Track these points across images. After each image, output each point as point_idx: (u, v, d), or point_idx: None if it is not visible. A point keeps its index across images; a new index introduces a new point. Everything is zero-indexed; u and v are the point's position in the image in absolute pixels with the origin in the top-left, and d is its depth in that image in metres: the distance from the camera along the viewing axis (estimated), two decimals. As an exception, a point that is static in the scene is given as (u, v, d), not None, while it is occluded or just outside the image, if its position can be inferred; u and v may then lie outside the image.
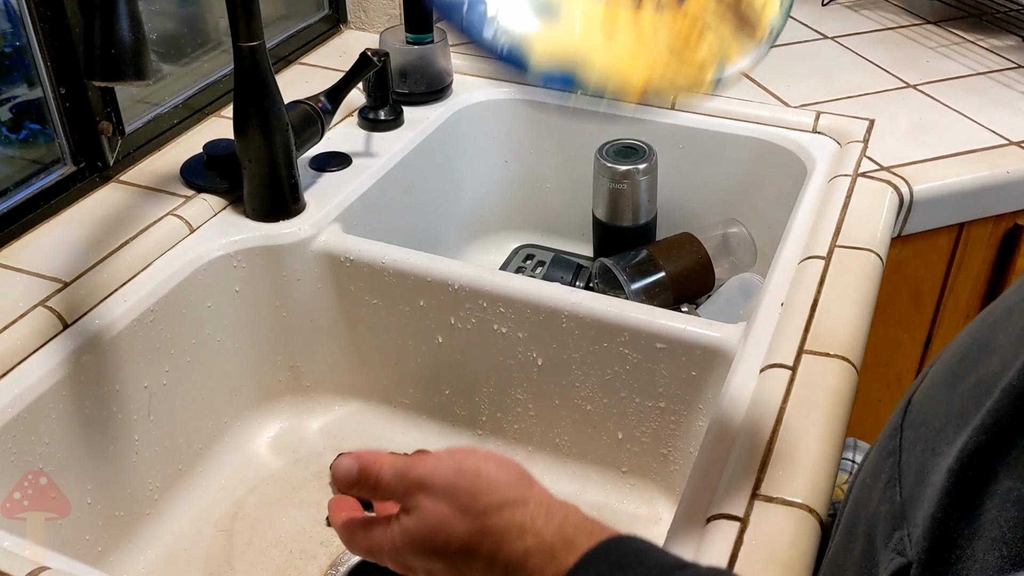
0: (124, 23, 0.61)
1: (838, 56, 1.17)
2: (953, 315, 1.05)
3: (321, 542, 0.82)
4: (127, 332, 0.75)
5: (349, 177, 0.93)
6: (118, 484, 0.77)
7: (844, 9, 1.31)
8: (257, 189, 0.84)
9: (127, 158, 0.90)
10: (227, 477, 0.87)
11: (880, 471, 0.47)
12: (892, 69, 1.13)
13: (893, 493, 0.44)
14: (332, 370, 0.93)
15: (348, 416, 0.94)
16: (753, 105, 1.04)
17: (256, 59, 0.79)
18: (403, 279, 0.85)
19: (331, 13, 1.20)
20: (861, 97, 1.06)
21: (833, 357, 0.69)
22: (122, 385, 0.76)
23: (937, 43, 1.20)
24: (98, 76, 0.63)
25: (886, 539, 0.43)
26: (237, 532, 0.82)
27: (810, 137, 0.99)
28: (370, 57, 0.93)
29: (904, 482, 0.44)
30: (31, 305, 0.73)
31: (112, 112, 0.87)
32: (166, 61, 0.98)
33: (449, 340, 0.87)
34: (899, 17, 1.28)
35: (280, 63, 1.10)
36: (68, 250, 0.79)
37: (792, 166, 0.98)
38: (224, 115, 1.01)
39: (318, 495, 0.86)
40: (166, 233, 0.82)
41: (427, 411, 0.92)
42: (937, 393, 0.45)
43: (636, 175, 0.98)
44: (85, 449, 0.74)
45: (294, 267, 0.86)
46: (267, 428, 0.92)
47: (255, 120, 0.81)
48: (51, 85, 0.82)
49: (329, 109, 0.92)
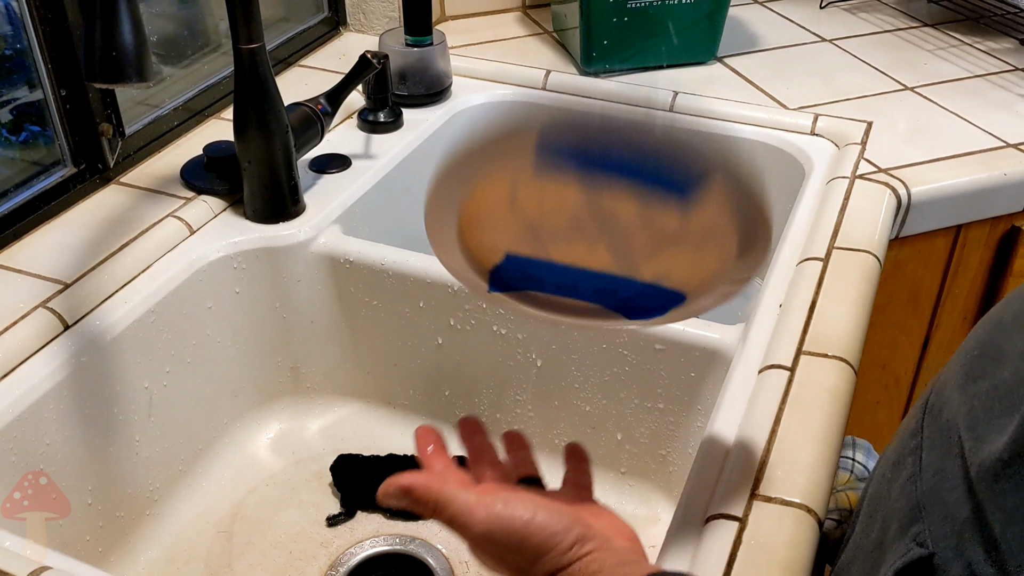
0: (125, 25, 0.61)
1: (836, 58, 1.17)
2: (951, 317, 1.05)
3: (321, 543, 0.82)
4: (128, 333, 0.76)
5: (349, 179, 0.93)
6: (118, 485, 0.78)
7: (842, 12, 1.31)
8: (257, 191, 0.84)
9: (127, 160, 0.91)
10: (227, 478, 0.87)
11: (902, 467, 0.49)
12: (890, 71, 1.13)
13: (913, 488, 0.46)
14: (332, 371, 0.93)
15: (348, 417, 0.94)
16: (751, 107, 1.04)
17: (256, 61, 0.79)
18: (403, 280, 0.85)
19: (330, 15, 1.20)
20: (859, 99, 1.06)
21: (831, 358, 0.70)
22: (123, 386, 0.76)
23: (935, 46, 1.20)
24: (99, 78, 0.63)
25: (903, 530, 0.45)
26: (237, 533, 0.83)
27: (808, 139, 0.99)
28: (370, 59, 0.93)
29: (923, 477, 0.46)
30: (32, 306, 0.73)
31: (112, 114, 0.87)
32: (166, 63, 0.98)
33: (449, 341, 0.87)
34: (896, 20, 1.28)
35: (280, 65, 1.10)
36: (69, 252, 0.79)
37: (790, 168, 0.98)
38: (224, 117, 1.01)
39: (318, 496, 0.86)
40: (166, 235, 0.82)
41: (427, 412, 0.92)
42: (952, 395, 0.47)
43: (635, 177, 0.98)
44: (85, 450, 0.74)
45: (294, 269, 0.86)
46: (267, 429, 0.92)
47: (255, 122, 0.81)
48: (51, 87, 0.83)
49: (329, 111, 0.93)
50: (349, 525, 0.84)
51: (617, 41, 1.11)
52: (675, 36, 1.12)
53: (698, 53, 1.15)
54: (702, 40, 1.14)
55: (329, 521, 0.84)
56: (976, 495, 0.41)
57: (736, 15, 1.26)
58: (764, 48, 1.20)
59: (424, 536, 0.83)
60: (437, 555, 0.81)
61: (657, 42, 1.12)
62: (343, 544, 0.82)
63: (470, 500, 0.49)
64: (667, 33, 1.11)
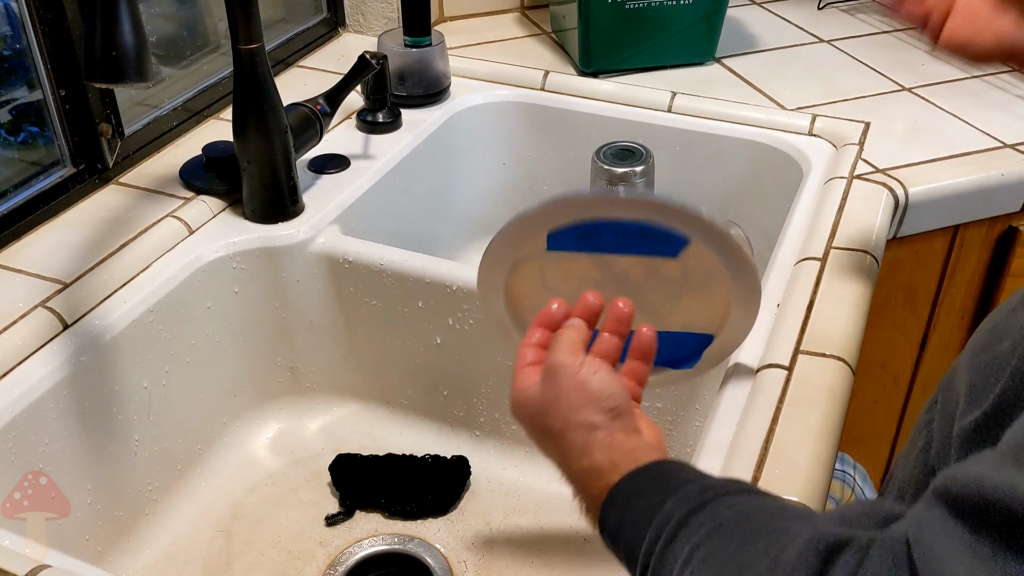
0: (125, 25, 0.61)
1: (833, 59, 1.17)
2: (948, 317, 1.06)
3: (320, 542, 0.82)
4: (127, 333, 0.76)
5: (348, 179, 0.94)
6: (118, 484, 0.78)
7: (839, 13, 1.32)
8: (256, 191, 0.85)
9: (126, 160, 0.91)
10: (226, 477, 0.87)
11: (917, 439, 0.53)
12: (887, 72, 1.13)
13: (926, 456, 0.51)
14: (331, 371, 0.93)
15: (347, 417, 0.94)
16: (749, 108, 1.04)
17: (255, 62, 0.79)
18: (401, 280, 0.85)
19: (329, 16, 1.20)
20: (857, 100, 1.07)
21: (829, 357, 0.70)
22: (122, 386, 0.76)
23: (932, 46, 1.20)
24: (99, 78, 0.63)
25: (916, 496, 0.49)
26: (236, 532, 0.83)
27: (806, 140, 1.00)
28: (369, 60, 0.93)
29: (933, 446, 0.50)
30: (31, 306, 0.73)
31: (112, 114, 0.87)
32: (165, 63, 0.98)
33: (447, 341, 0.87)
34: (894, 21, 1.29)
35: (279, 66, 1.11)
36: (68, 251, 0.79)
37: (788, 168, 0.98)
38: (222, 117, 1.01)
39: (317, 495, 0.86)
40: (166, 234, 0.82)
41: (425, 412, 0.93)
42: (961, 371, 0.50)
43: (633, 177, 0.98)
44: (85, 449, 0.74)
45: (293, 268, 0.86)
46: (266, 428, 0.92)
47: (254, 122, 0.81)
48: (51, 87, 0.83)
49: (328, 111, 0.93)
50: (348, 524, 0.84)
51: (615, 42, 1.11)
52: (673, 36, 1.12)
53: (696, 54, 1.15)
54: (700, 41, 1.14)
55: (328, 520, 0.84)
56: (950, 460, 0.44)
57: (734, 16, 1.27)
58: (762, 49, 1.20)
59: (423, 535, 0.83)
60: (435, 554, 0.81)
61: (655, 43, 1.12)
62: (342, 543, 0.82)
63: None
64: (665, 34, 1.11)
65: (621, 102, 1.07)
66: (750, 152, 1.02)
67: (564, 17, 1.16)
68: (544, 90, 1.10)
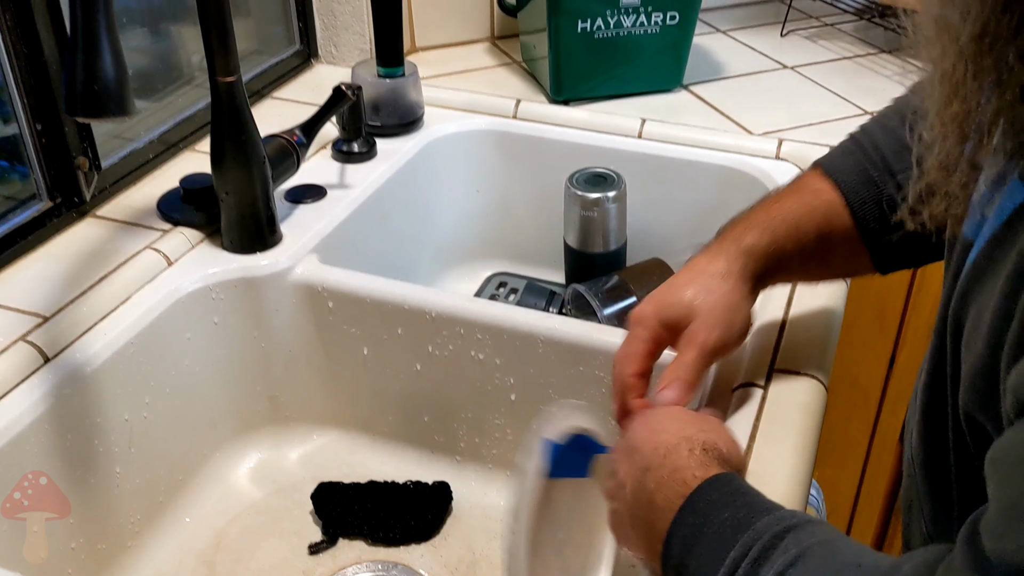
0: (107, 58, 0.61)
1: (798, 85, 1.20)
2: (916, 334, 1.08)
3: (303, 571, 0.82)
4: (108, 365, 0.76)
5: (324, 208, 0.94)
6: (100, 517, 0.77)
7: (802, 39, 1.35)
8: (235, 221, 0.85)
9: (103, 193, 0.91)
10: (208, 508, 0.87)
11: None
12: (850, 97, 1.16)
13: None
14: (311, 399, 0.93)
15: (327, 445, 0.94)
16: (717, 133, 1.06)
17: (233, 93, 0.80)
18: (380, 308, 0.86)
19: (302, 48, 1.22)
20: (821, 124, 1.09)
21: (803, 375, 0.71)
22: (103, 418, 0.76)
23: (892, 71, 1.24)
24: (80, 112, 0.63)
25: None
26: (219, 563, 0.82)
27: (773, 163, 1.02)
28: (344, 91, 0.94)
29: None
30: (11, 340, 0.73)
31: (89, 147, 0.88)
32: (140, 97, 0.99)
33: (427, 367, 0.88)
34: (855, 47, 1.32)
35: (253, 97, 1.11)
36: (47, 285, 0.80)
37: (757, 191, 1.00)
38: (198, 149, 1.02)
39: (299, 524, 0.86)
40: (144, 267, 0.83)
41: (406, 438, 0.93)
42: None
43: (606, 203, 1.00)
44: (67, 482, 0.74)
45: (272, 298, 0.87)
46: (247, 459, 0.92)
47: (232, 153, 0.82)
48: (27, 121, 0.83)
49: (304, 142, 0.94)
50: (331, 553, 0.84)
51: (585, 70, 1.13)
52: (642, 65, 1.14)
53: (664, 81, 1.18)
54: (668, 68, 1.17)
55: (311, 549, 0.84)
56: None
57: (700, 43, 1.29)
58: (728, 76, 1.23)
59: (406, 561, 0.83)
60: (420, 580, 0.82)
61: (624, 71, 1.14)
62: (325, 572, 0.82)
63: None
64: (634, 62, 1.14)
65: (592, 129, 1.09)
66: (719, 176, 1.04)
67: (534, 46, 1.19)
68: (516, 118, 1.12)
